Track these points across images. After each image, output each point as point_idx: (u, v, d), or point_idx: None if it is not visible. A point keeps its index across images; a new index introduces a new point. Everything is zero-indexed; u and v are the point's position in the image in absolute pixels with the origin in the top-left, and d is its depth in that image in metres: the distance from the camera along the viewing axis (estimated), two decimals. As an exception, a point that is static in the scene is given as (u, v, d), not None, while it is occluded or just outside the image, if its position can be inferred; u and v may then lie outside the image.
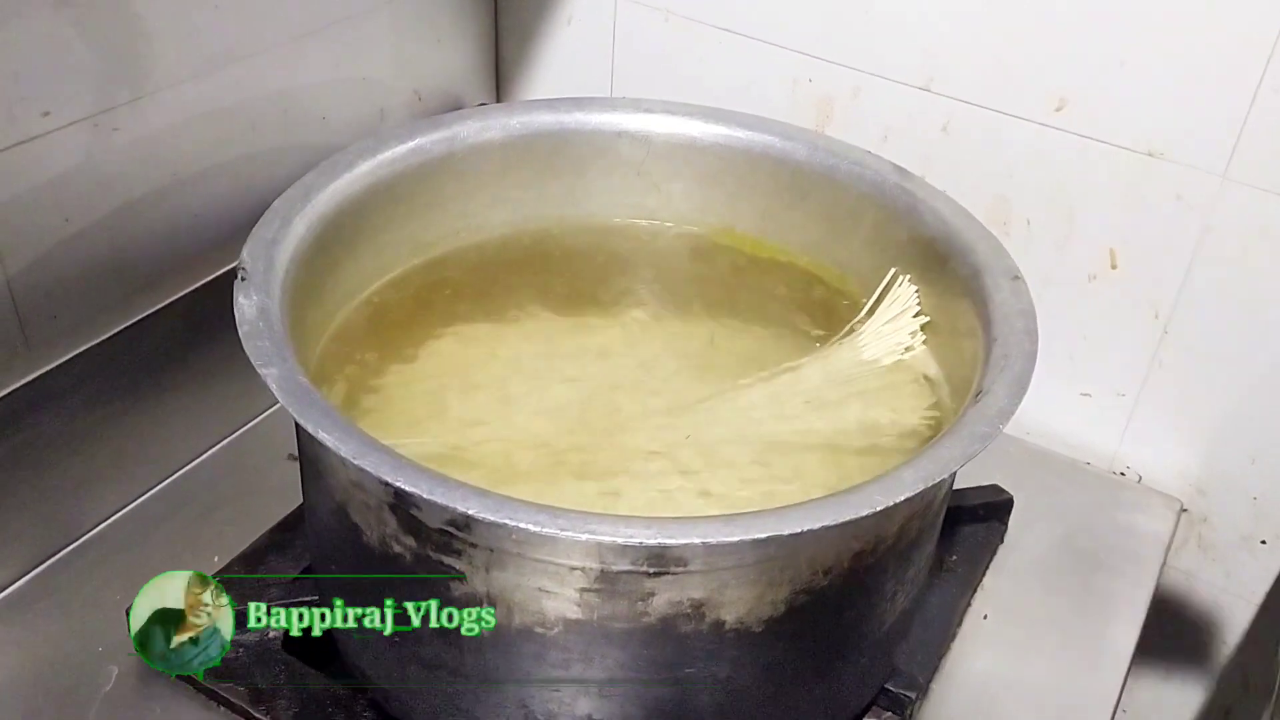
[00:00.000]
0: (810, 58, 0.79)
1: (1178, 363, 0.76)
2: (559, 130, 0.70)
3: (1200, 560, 0.82)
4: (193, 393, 0.73)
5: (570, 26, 0.89)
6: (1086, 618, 0.71)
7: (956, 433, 0.49)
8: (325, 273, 0.62)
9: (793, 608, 0.50)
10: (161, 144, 0.69)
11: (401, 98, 0.87)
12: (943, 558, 0.72)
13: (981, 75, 0.74)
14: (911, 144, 0.78)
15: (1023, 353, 0.53)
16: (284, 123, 0.78)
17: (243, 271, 0.54)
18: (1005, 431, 0.80)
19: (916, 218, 0.64)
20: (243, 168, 0.75)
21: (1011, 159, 0.75)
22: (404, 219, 0.67)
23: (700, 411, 0.62)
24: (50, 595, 0.67)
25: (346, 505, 0.51)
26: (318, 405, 0.47)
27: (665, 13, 0.84)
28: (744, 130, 0.69)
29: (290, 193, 0.60)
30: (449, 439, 0.59)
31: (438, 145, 0.67)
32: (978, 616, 0.70)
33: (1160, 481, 0.80)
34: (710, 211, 0.72)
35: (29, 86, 0.61)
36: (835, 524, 0.44)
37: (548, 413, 0.61)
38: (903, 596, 0.56)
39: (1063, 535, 0.76)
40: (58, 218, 0.65)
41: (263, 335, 0.50)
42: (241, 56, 0.73)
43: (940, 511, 0.57)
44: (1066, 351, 0.79)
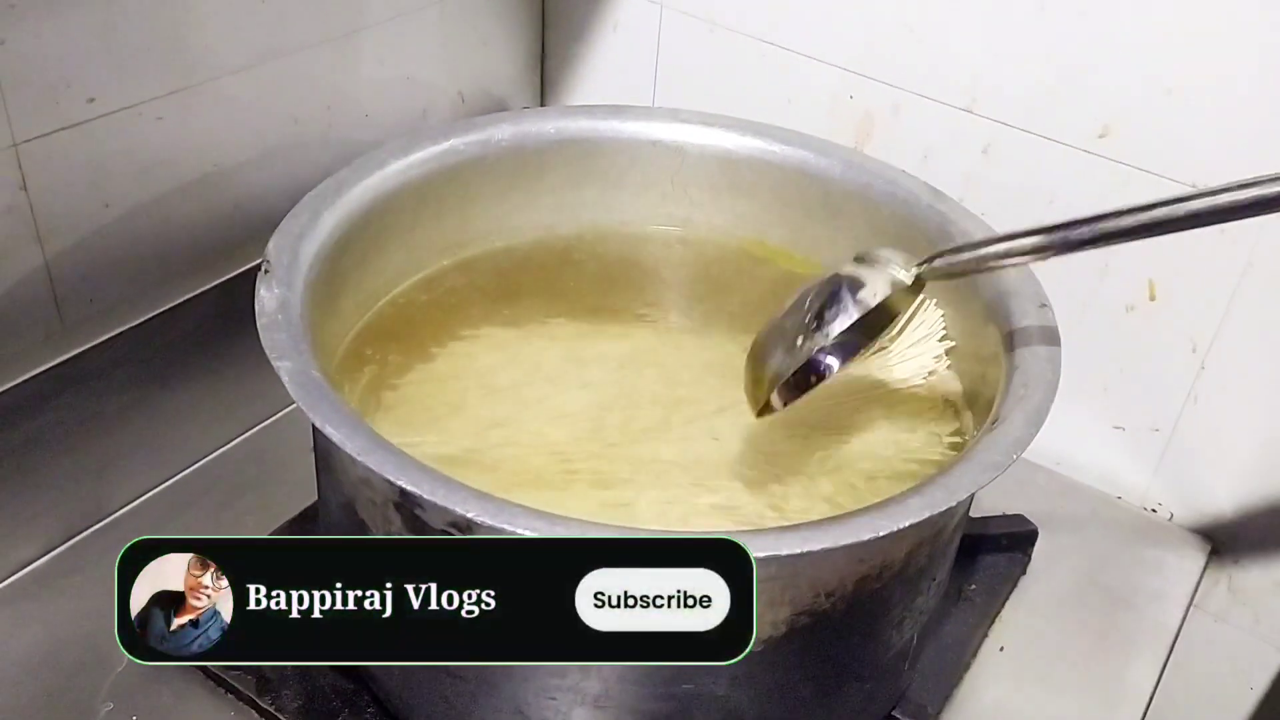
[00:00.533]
0: (852, 74, 0.79)
1: (1214, 400, 0.74)
2: (594, 137, 0.70)
3: (1230, 603, 0.80)
4: (222, 381, 0.74)
5: (616, 33, 0.89)
6: (1106, 655, 0.70)
7: (968, 461, 0.48)
8: (354, 269, 0.63)
9: (794, 629, 0.49)
10: (204, 134, 0.71)
11: (445, 98, 0.88)
12: (961, 586, 0.71)
13: (1025, 98, 0.73)
14: (952, 165, 0.77)
15: (1043, 382, 0.52)
16: (327, 118, 0.78)
17: (266, 264, 0.55)
18: (1035, 462, 0.81)
19: (947, 239, 0.63)
20: (284, 161, 0.76)
21: (1053, 184, 0.74)
22: (434, 219, 0.67)
23: (719, 424, 0.62)
24: (72, 574, 0.68)
25: (354, 501, 0.52)
26: (328, 400, 0.48)
27: (710, 23, 0.83)
28: (779, 144, 0.69)
29: (321, 188, 0.60)
30: (466, 441, 0.59)
31: (471, 147, 0.67)
32: (994, 648, 0.69)
33: (1192, 520, 0.79)
34: (742, 224, 0.72)
35: (74, 72, 0.62)
36: (835, 548, 0.43)
37: (566, 419, 0.61)
38: (911, 623, 0.55)
39: (1088, 570, 0.75)
40: (98, 203, 0.67)
41: (280, 328, 0.51)
42: (288, 51, 0.74)
43: (953, 539, 0.56)
44: (1101, 383, 0.78)
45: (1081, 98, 0.71)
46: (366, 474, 0.48)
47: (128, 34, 0.64)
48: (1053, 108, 0.72)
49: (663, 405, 0.63)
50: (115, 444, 0.70)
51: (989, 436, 0.49)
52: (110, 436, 0.69)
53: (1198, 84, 0.67)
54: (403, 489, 0.44)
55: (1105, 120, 0.71)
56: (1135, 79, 0.69)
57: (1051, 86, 0.72)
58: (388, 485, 0.45)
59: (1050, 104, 0.72)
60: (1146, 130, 0.69)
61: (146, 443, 0.72)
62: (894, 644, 0.55)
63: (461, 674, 0.52)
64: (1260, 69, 0.65)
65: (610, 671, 0.49)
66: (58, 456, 0.67)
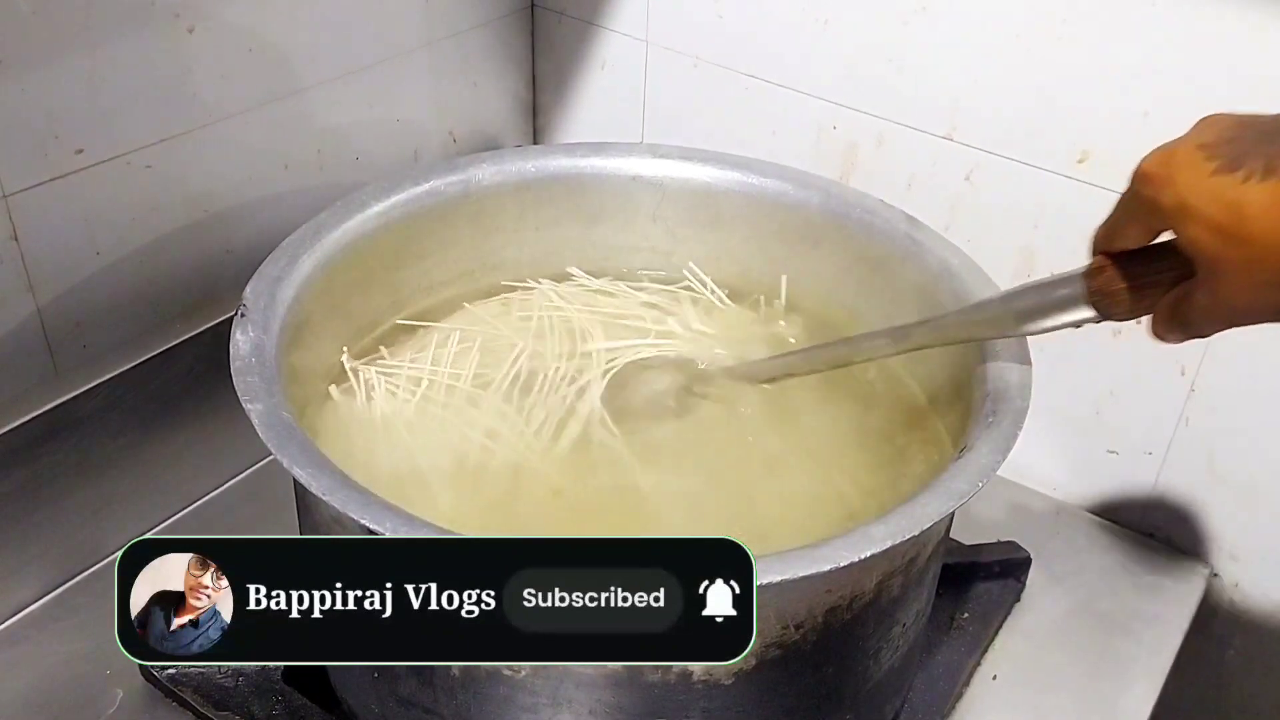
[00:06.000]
0: (836, 105, 0.79)
1: (1205, 422, 0.73)
2: (575, 174, 0.71)
3: (1232, 628, 0.79)
4: (215, 423, 0.75)
5: (604, 71, 0.90)
6: (1102, 683, 0.69)
7: (934, 489, 0.48)
8: (336, 309, 0.64)
9: (764, 661, 0.49)
10: (194, 181, 0.72)
11: (436, 139, 0.89)
12: (953, 615, 0.70)
13: (1005, 125, 0.73)
14: (936, 192, 0.77)
15: (1012, 409, 0.52)
16: (318, 162, 0.80)
17: (243, 308, 0.56)
18: (1029, 487, 0.81)
19: (923, 267, 0.63)
20: (275, 205, 0.77)
21: (1035, 210, 0.74)
22: (417, 259, 0.68)
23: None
24: (66, 617, 0.69)
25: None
26: (296, 440, 0.48)
27: (694, 59, 0.84)
28: (757, 177, 0.70)
29: (300, 232, 0.61)
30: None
31: (452, 187, 0.68)
32: (987, 677, 0.69)
33: (1189, 544, 0.78)
34: (724, 256, 0.72)
35: (62, 123, 0.64)
36: (795, 578, 0.43)
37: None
38: (890, 653, 0.55)
39: (1083, 597, 0.74)
40: (89, 251, 0.68)
41: (253, 371, 0.52)
42: (277, 97, 0.75)
43: (929, 568, 0.55)
44: (1092, 408, 0.77)
45: (1060, 123, 0.71)
46: (335, 513, 0.48)
47: (114, 84, 0.65)
48: (1032, 134, 0.73)
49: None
50: (109, 487, 0.71)
51: (955, 464, 0.49)
52: (104, 480, 0.70)
53: (1173, 108, 0.67)
54: (368, 527, 0.45)
55: (1084, 145, 0.71)
56: (1112, 104, 0.69)
57: (1030, 113, 0.72)
58: (355, 523, 0.46)
59: (1030, 130, 0.73)
60: (1125, 154, 0.68)
61: (140, 486, 0.72)
62: (872, 675, 0.55)
63: (438, 710, 0.52)
64: (1231, 91, 0.65)
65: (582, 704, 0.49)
66: (52, 500, 0.68)
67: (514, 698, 0.50)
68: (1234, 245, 0.41)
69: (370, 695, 0.55)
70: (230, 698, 0.62)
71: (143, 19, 0.65)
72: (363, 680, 0.55)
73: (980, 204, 0.76)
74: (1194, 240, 0.43)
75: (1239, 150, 0.41)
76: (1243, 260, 0.41)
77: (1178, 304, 0.46)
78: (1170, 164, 0.43)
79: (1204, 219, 0.42)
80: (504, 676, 0.49)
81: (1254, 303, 0.43)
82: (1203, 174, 0.42)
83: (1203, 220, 0.42)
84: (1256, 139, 0.41)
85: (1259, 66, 0.64)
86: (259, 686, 0.63)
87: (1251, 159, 0.41)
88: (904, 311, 0.65)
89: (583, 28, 0.89)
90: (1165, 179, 0.43)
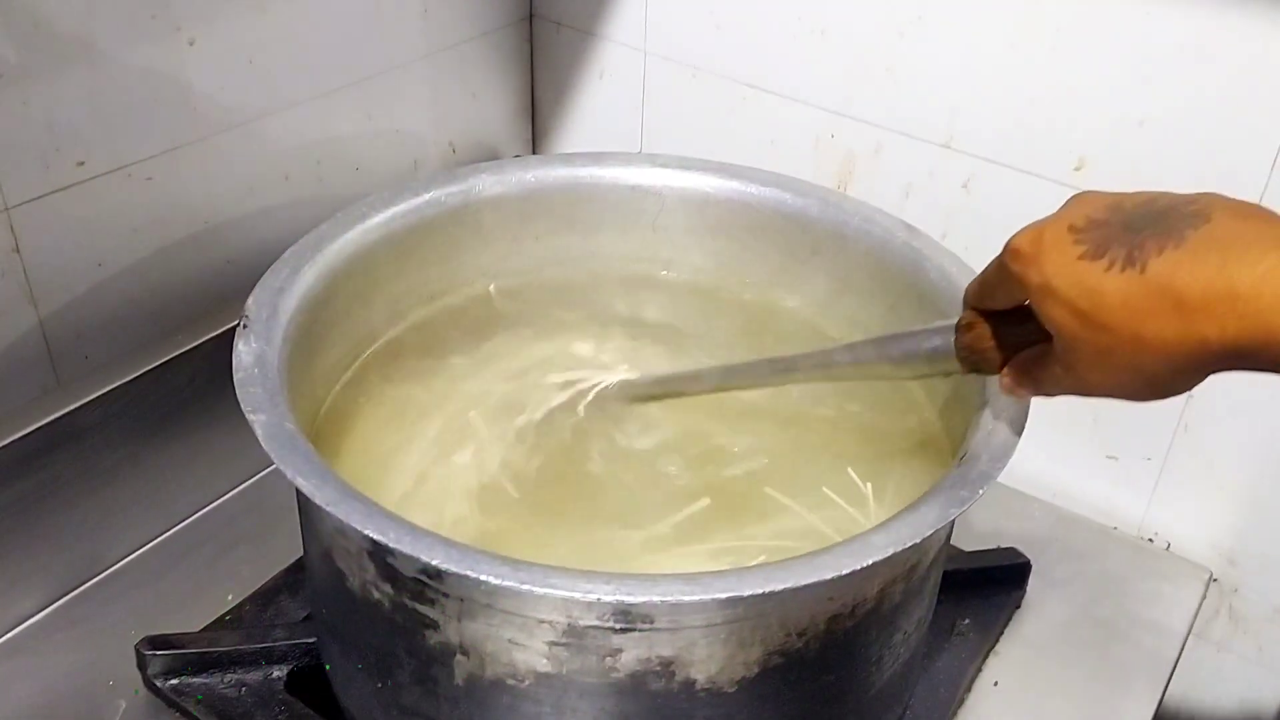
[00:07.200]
0: (833, 114, 0.80)
1: (1204, 427, 0.74)
2: (574, 185, 0.71)
3: (1231, 631, 0.79)
4: (217, 433, 0.75)
5: (602, 81, 0.90)
6: (1103, 688, 0.69)
7: (934, 497, 0.48)
8: (337, 320, 0.64)
9: (767, 669, 0.49)
10: (195, 193, 0.72)
11: (436, 149, 0.89)
12: (954, 621, 0.70)
13: (1002, 134, 0.74)
14: (933, 200, 0.78)
15: (1010, 417, 0.52)
16: (317, 173, 0.80)
17: (245, 319, 0.56)
18: (1029, 493, 0.81)
19: (922, 274, 0.63)
20: (276, 216, 0.78)
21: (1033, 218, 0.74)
22: (417, 269, 0.68)
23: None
24: (68, 628, 0.69)
25: (332, 551, 0.52)
26: (300, 451, 0.48)
27: (693, 69, 0.85)
28: (756, 186, 0.70)
29: (302, 243, 0.62)
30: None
31: (453, 198, 0.68)
32: (988, 683, 0.69)
33: (1189, 549, 0.78)
34: (723, 265, 0.72)
35: (63, 136, 0.64)
36: (798, 587, 0.44)
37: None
38: (891, 660, 0.55)
39: (1084, 602, 0.74)
40: (91, 263, 0.68)
41: (256, 382, 0.52)
42: (276, 109, 0.75)
43: (930, 575, 0.56)
44: (1091, 414, 0.78)
45: (1056, 131, 0.72)
46: (339, 524, 0.48)
47: (115, 97, 0.66)
48: (1029, 142, 0.73)
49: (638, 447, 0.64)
50: (111, 498, 0.71)
51: (955, 472, 0.50)
52: (106, 491, 0.70)
53: (1169, 115, 0.67)
54: (372, 539, 0.45)
55: (1080, 153, 0.71)
56: (1108, 112, 0.69)
57: (1027, 121, 0.72)
58: (359, 534, 0.46)
59: (1026, 138, 0.73)
60: (1121, 161, 0.70)
61: (142, 496, 0.73)
62: (874, 682, 0.55)
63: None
64: (1227, 99, 0.65)
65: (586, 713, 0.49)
66: (55, 512, 0.68)
67: (517, 707, 0.50)
68: (1091, 330, 0.43)
69: (374, 705, 0.55)
70: (234, 708, 0.62)
71: (143, 32, 0.66)
72: (366, 689, 0.55)
73: (978, 212, 0.77)
74: (1054, 320, 0.44)
75: (1105, 236, 0.42)
76: (1099, 345, 0.43)
77: (1031, 364, 0.48)
78: (1039, 244, 0.44)
79: (1065, 302, 0.43)
80: (507, 685, 0.49)
81: (1105, 382, 0.44)
82: (1069, 258, 0.43)
83: (1064, 303, 0.43)
84: (1123, 226, 0.42)
85: (1252, 74, 0.64)
86: (262, 697, 0.63)
87: (1115, 246, 0.42)
88: (900, 318, 0.65)
89: (581, 38, 0.89)
90: (1032, 258, 0.44)
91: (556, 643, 0.47)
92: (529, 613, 0.47)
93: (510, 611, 0.47)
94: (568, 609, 0.46)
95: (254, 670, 0.64)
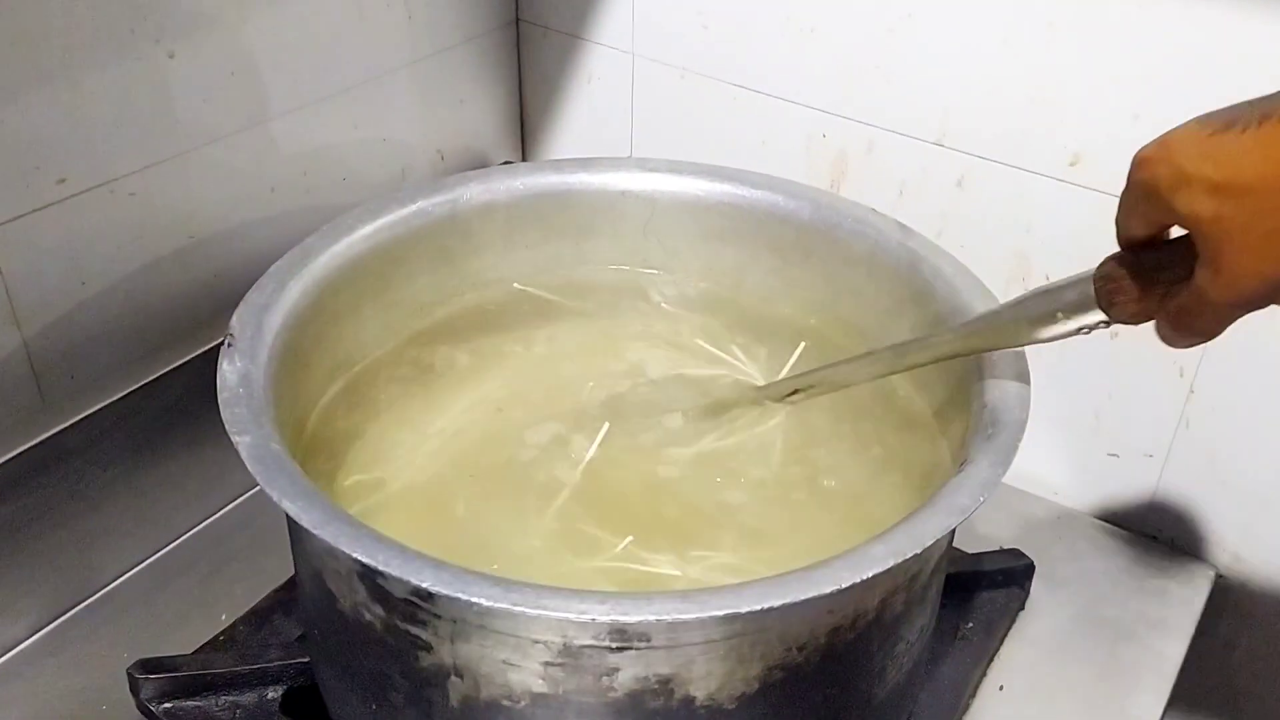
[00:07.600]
0: (825, 113, 0.79)
1: (1206, 423, 0.73)
2: (564, 191, 0.70)
3: (1239, 628, 0.78)
4: (206, 451, 0.74)
5: (591, 84, 0.89)
6: (1109, 689, 0.68)
7: (934, 505, 0.47)
8: (325, 335, 0.63)
9: (767, 684, 0.48)
10: (179, 207, 0.71)
11: (424, 157, 0.88)
12: (957, 625, 0.69)
13: (994, 130, 0.73)
14: (927, 199, 0.77)
15: (1010, 421, 0.51)
16: (304, 184, 0.79)
17: (230, 338, 0.55)
18: (1031, 492, 0.80)
19: (917, 275, 0.63)
20: (263, 229, 0.77)
21: (1028, 214, 0.74)
22: (406, 281, 0.67)
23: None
24: (60, 652, 0.68)
25: (322, 573, 0.51)
26: (286, 472, 0.48)
27: (681, 70, 0.84)
28: (748, 189, 0.69)
29: (287, 257, 0.61)
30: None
31: (440, 207, 0.67)
32: (993, 687, 0.68)
33: (1194, 546, 0.77)
34: (717, 269, 0.71)
35: (43, 154, 0.63)
36: (796, 601, 0.43)
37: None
38: (895, 670, 0.54)
39: (1088, 602, 0.73)
40: (74, 281, 0.67)
41: (240, 402, 0.51)
42: (261, 120, 0.74)
43: (932, 583, 0.55)
44: (1092, 411, 0.77)
45: (1051, 127, 0.71)
46: (327, 546, 0.47)
47: (96, 112, 0.65)
48: (1023, 138, 0.72)
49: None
50: (101, 519, 0.70)
51: (955, 479, 0.49)
52: (96, 511, 0.69)
53: (1163, 109, 0.66)
54: (360, 561, 0.44)
55: (1075, 149, 0.70)
56: (1102, 106, 0.68)
57: (1020, 117, 0.72)
58: (347, 557, 0.45)
59: (1020, 134, 0.72)
60: (1116, 157, 0.68)
61: (132, 516, 0.72)
62: (877, 693, 0.54)
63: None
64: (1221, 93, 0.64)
65: (584, 734, 0.49)
66: (44, 533, 0.67)
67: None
68: (1233, 200, 0.40)
69: (369, 728, 0.55)
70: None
71: (123, 45, 0.65)
72: (360, 712, 0.54)
73: (972, 209, 0.76)
74: (1193, 210, 0.41)
75: (1235, 113, 0.41)
76: (1245, 216, 0.40)
77: (1182, 303, 0.45)
78: (1165, 143, 0.43)
79: (1200, 182, 0.41)
80: (503, 707, 0.48)
81: (1261, 268, 0.41)
82: (1198, 141, 0.41)
83: (1199, 184, 0.41)
84: (1253, 102, 0.41)
85: (1248, 68, 0.63)
86: (257, 717, 0.62)
87: (1246, 114, 0.40)
88: (897, 320, 0.64)
89: (568, 41, 0.88)
90: (1161, 158, 0.42)
91: (552, 663, 0.46)
92: (523, 633, 0.46)
93: (504, 632, 0.46)
94: (562, 629, 0.45)
95: (248, 692, 0.63)
